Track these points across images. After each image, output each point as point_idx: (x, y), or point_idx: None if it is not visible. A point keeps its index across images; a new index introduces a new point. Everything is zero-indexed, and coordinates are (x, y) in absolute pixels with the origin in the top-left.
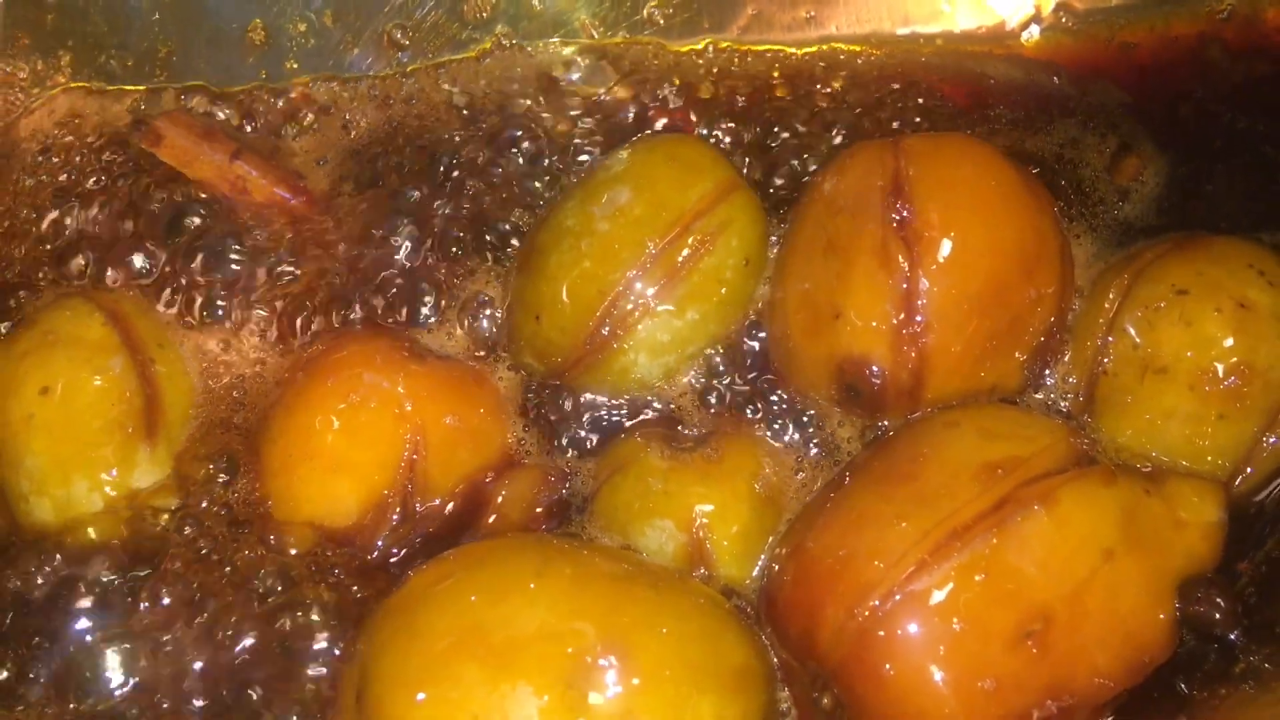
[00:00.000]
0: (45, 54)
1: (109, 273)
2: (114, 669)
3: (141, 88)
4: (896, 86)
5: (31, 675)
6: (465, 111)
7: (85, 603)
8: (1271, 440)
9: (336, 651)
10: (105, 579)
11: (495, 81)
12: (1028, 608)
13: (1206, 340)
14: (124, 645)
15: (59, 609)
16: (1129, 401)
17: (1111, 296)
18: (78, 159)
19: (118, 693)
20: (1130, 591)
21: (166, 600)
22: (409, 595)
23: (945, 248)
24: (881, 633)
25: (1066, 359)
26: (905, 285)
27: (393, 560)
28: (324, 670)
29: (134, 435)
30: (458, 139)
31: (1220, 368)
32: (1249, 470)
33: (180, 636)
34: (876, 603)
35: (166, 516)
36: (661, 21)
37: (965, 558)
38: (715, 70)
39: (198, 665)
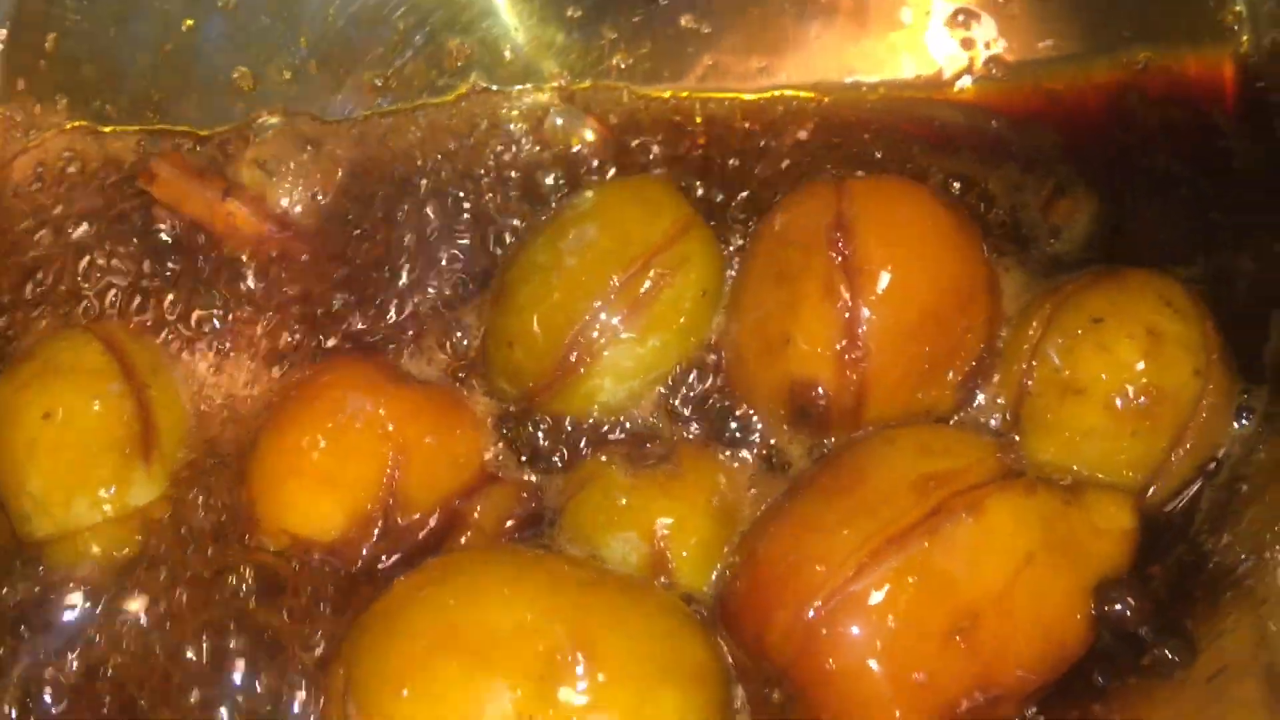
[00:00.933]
0: (42, 99)
1: (105, 303)
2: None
3: (134, 128)
4: (842, 132)
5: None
6: (440, 151)
7: (75, 608)
8: (1179, 455)
9: (319, 653)
10: (97, 586)
11: (470, 122)
12: (957, 607)
13: (1120, 364)
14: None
15: (51, 613)
16: (1051, 420)
17: (1035, 325)
18: (72, 196)
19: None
20: (1051, 592)
21: (157, 604)
22: (391, 600)
23: (884, 280)
24: (825, 631)
25: (995, 381)
26: (848, 314)
27: (380, 568)
28: (309, 671)
29: (131, 456)
30: (434, 177)
31: (1132, 389)
32: (1159, 483)
33: (168, 637)
34: (820, 604)
35: (160, 529)
36: (625, 69)
37: (900, 561)
38: (677, 115)
39: (188, 659)
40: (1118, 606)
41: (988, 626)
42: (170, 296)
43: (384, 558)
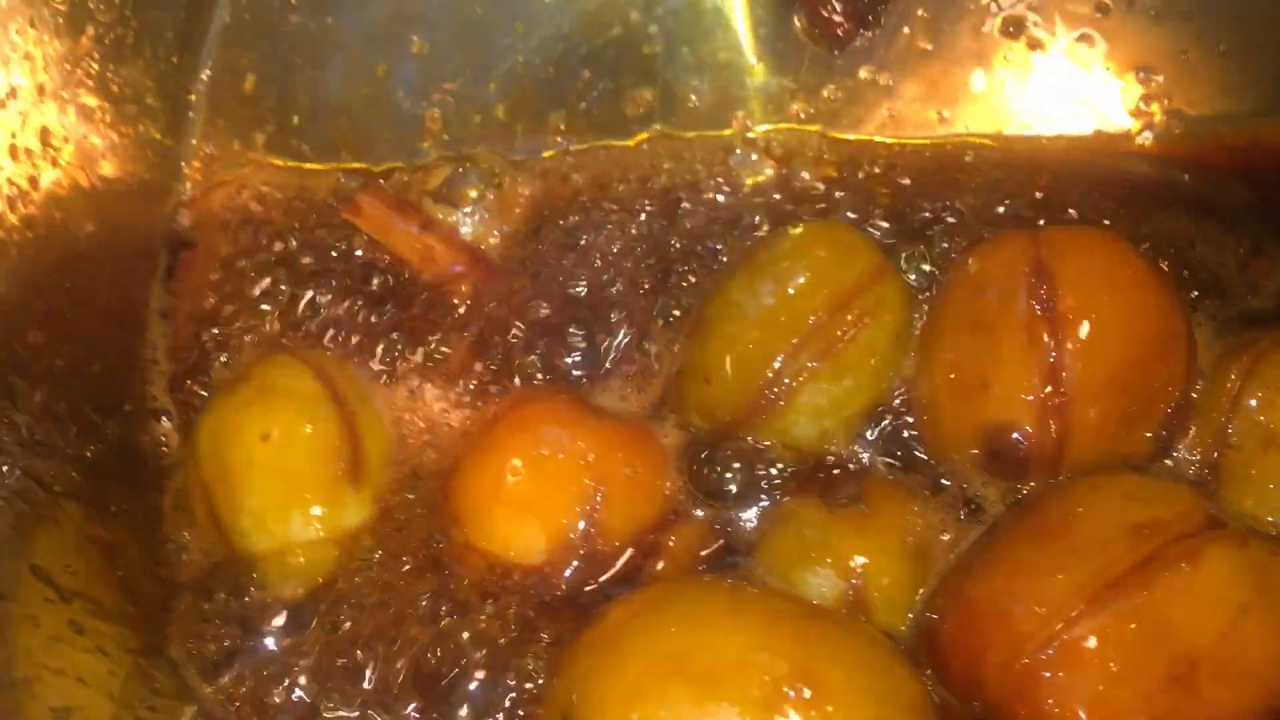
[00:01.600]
0: (241, 137)
1: (309, 329)
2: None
3: (330, 165)
4: (1025, 182)
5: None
6: (625, 190)
7: (280, 620)
8: None
9: (527, 676)
10: (306, 603)
11: (654, 163)
12: (1175, 655)
13: None
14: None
15: (260, 624)
16: (1253, 473)
17: (1234, 377)
18: (271, 227)
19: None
20: (1267, 641)
21: (362, 623)
22: (610, 626)
23: (1085, 328)
24: (1043, 674)
25: (1191, 434)
26: (1051, 360)
27: (581, 597)
28: (519, 694)
29: (341, 478)
30: (620, 215)
31: None
32: None
33: (376, 656)
34: (1038, 646)
35: (366, 550)
36: (805, 118)
37: (1120, 608)
38: (861, 159)
39: (395, 679)
40: None
41: (1205, 673)
42: (371, 326)
43: (585, 585)
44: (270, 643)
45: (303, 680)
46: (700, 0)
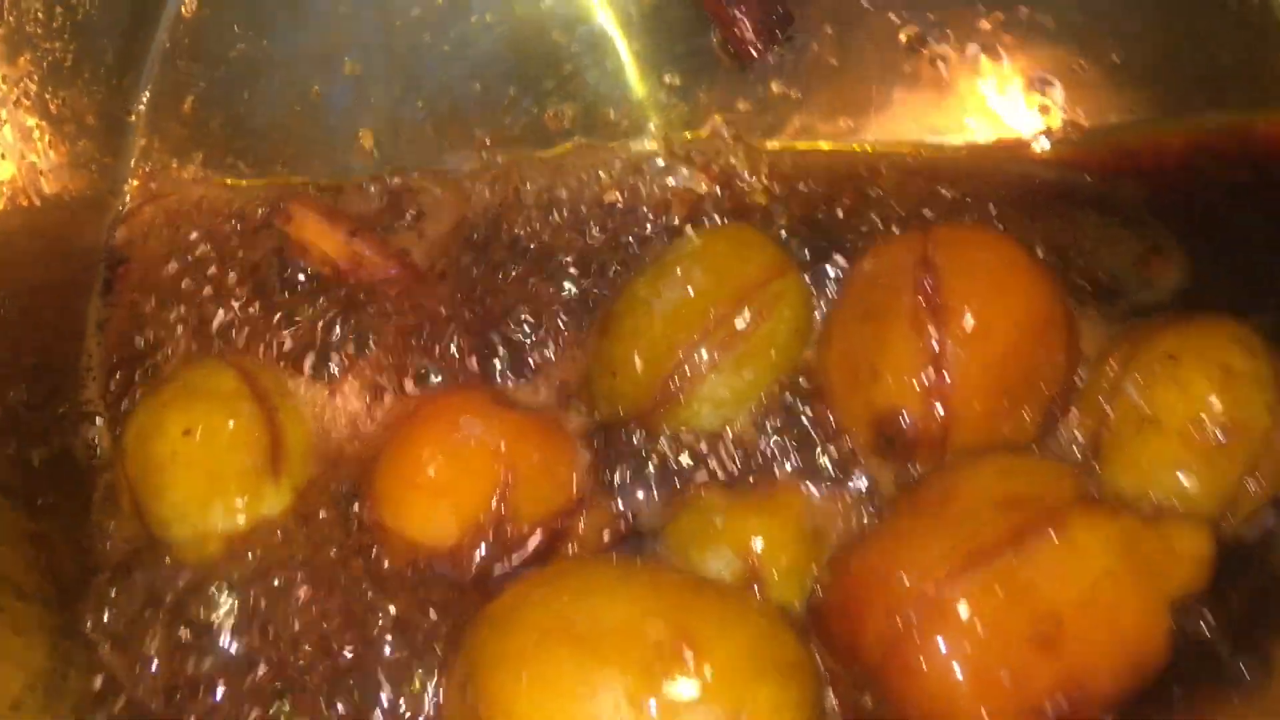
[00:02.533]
0: (179, 156)
1: (239, 335)
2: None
3: (263, 180)
4: (930, 188)
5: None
6: (548, 198)
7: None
8: (1251, 486)
9: (438, 648)
10: (221, 586)
11: (576, 173)
12: (1040, 614)
13: (1195, 399)
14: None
15: (176, 605)
16: (1129, 452)
17: (1113, 363)
18: (205, 240)
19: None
20: (1130, 604)
21: (283, 602)
22: (508, 598)
23: (968, 317)
24: (915, 635)
25: (1074, 416)
26: (935, 348)
27: (491, 579)
28: (429, 663)
29: (262, 470)
30: (543, 223)
31: (1207, 422)
32: (1234, 512)
33: (295, 631)
34: (910, 609)
35: (286, 537)
36: (725, 134)
37: (987, 572)
38: (773, 166)
39: (313, 651)
40: (1197, 622)
41: (1069, 633)
42: (298, 330)
43: (495, 568)
44: (183, 624)
45: (210, 659)
46: (618, 19)
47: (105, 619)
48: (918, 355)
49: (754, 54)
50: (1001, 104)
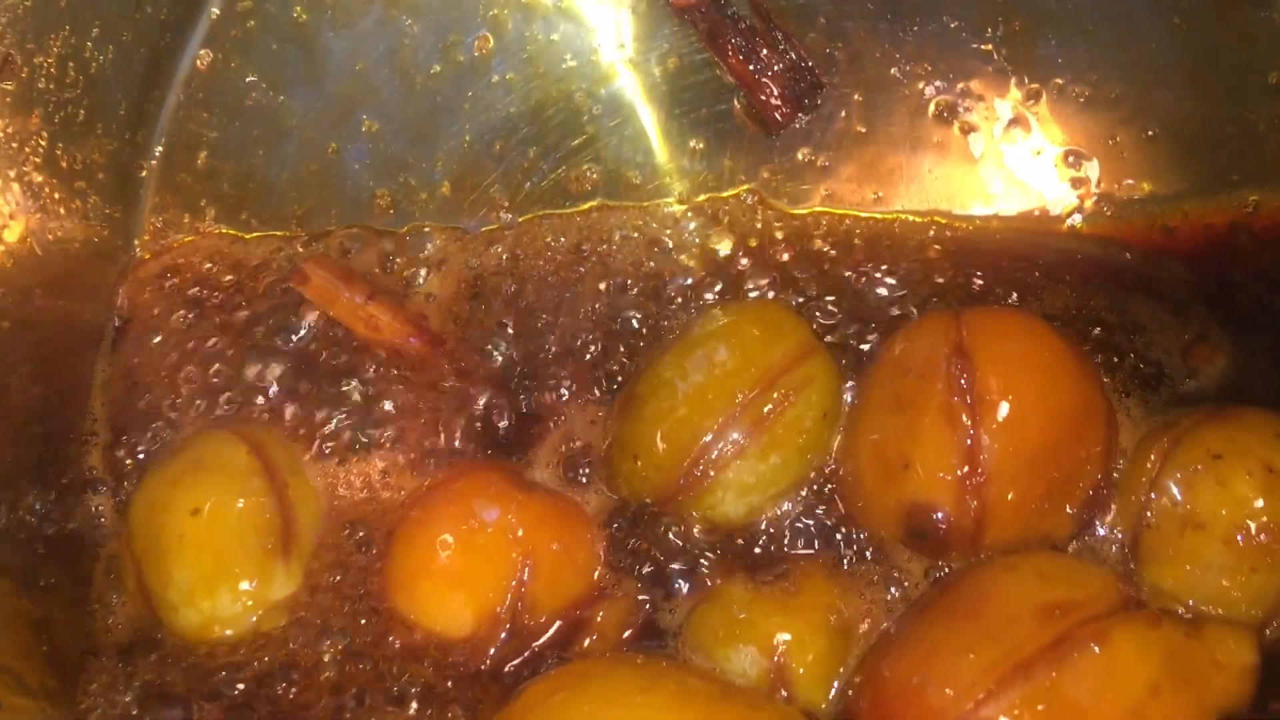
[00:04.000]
0: (191, 210)
1: (249, 403)
2: None
3: (279, 233)
4: (960, 261)
5: None
6: (567, 260)
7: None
8: None
9: None
10: (233, 674)
11: (596, 234)
12: None
13: (1239, 500)
14: None
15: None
16: (1170, 553)
17: (1153, 458)
18: (217, 299)
19: None
20: None
21: (289, 693)
22: (527, 703)
23: (1003, 409)
24: None
25: (1112, 513)
26: (969, 441)
27: (506, 671)
28: None
29: (272, 551)
30: (561, 286)
31: (1252, 525)
32: (1278, 620)
33: None
34: None
35: (295, 622)
36: (750, 201)
37: (1028, 689)
38: (800, 233)
39: None
40: None
41: None
42: (310, 398)
43: (511, 659)
44: (185, 713)
45: None
46: (642, 82)
47: (105, 706)
48: (951, 448)
49: (780, 121)
50: (1033, 176)
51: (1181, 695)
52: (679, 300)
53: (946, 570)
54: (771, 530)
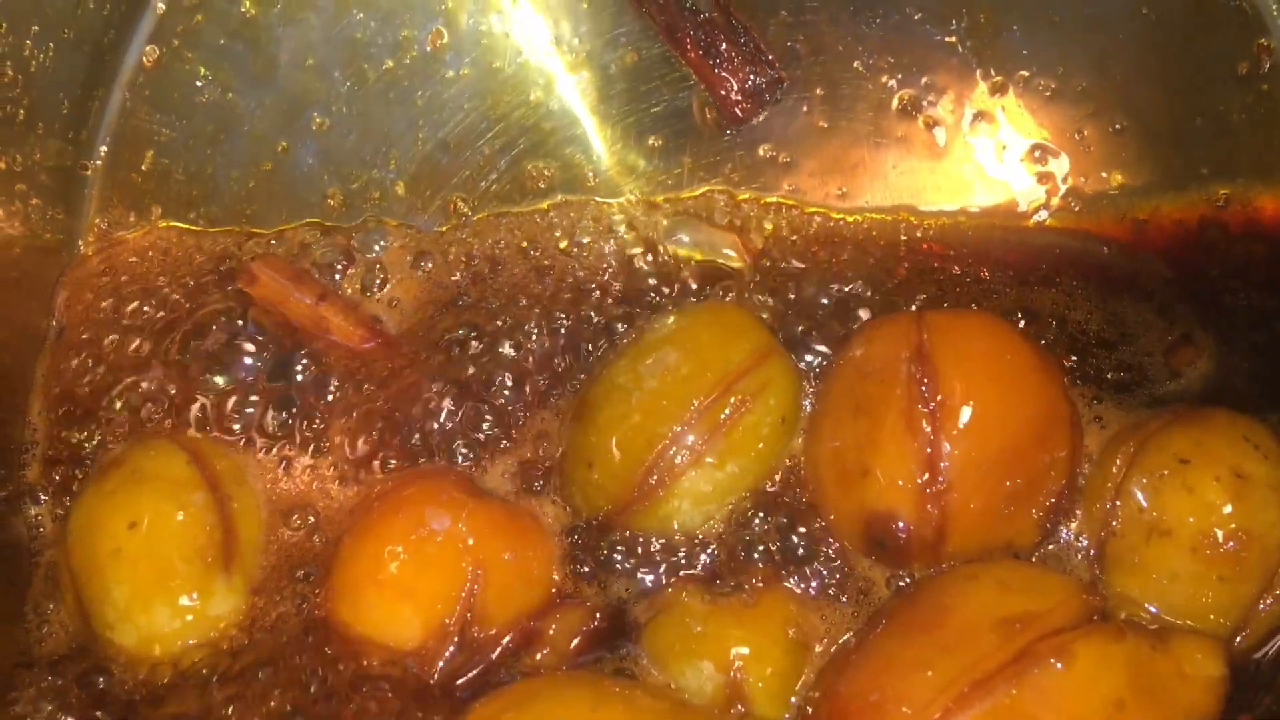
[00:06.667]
0: (137, 210)
1: (191, 409)
2: None
3: (225, 235)
4: (928, 254)
5: None
6: (524, 262)
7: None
8: (1268, 602)
9: None
10: (175, 690)
11: (553, 232)
12: None
13: (1207, 507)
14: None
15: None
16: (1136, 561)
17: (1119, 463)
18: (160, 301)
19: None
20: None
21: (234, 707)
22: None
23: (965, 415)
24: None
25: (1078, 518)
26: (929, 448)
27: (458, 684)
28: None
29: (213, 565)
30: (518, 288)
31: (1220, 533)
32: (1247, 630)
33: None
34: None
35: (237, 635)
36: (710, 197)
37: (988, 706)
38: (759, 231)
39: None
40: None
41: None
42: (255, 403)
43: (462, 673)
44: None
45: None
46: (600, 77)
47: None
48: (911, 455)
49: (741, 116)
50: (1000, 170)
51: (1147, 710)
52: (637, 300)
53: (908, 580)
54: (729, 540)
